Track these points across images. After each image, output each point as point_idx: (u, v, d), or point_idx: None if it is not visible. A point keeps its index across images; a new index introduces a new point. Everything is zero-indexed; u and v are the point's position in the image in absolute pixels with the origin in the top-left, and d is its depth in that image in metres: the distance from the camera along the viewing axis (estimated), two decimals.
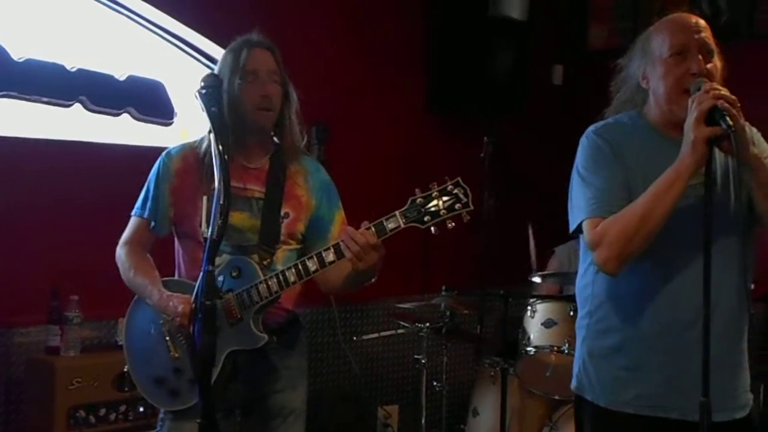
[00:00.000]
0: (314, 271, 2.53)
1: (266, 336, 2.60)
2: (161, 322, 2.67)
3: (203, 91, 2.26)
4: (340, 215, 2.83)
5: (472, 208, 2.43)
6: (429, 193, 2.44)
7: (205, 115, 2.24)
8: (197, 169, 2.71)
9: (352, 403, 4.82)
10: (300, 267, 2.54)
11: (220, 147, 2.17)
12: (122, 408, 3.63)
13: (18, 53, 3.74)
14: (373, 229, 2.45)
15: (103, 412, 3.58)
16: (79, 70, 3.92)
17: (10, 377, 3.71)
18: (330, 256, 2.51)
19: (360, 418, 4.86)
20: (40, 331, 3.73)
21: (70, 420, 3.49)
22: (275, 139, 2.77)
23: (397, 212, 2.45)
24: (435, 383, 4.24)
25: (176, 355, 2.65)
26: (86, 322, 3.74)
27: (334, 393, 4.78)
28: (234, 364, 2.61)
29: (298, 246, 2.77)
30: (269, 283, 2.56)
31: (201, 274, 2.07)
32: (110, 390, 3.58)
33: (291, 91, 2.77)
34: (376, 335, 4.52)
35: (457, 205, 2.43)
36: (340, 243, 2.49)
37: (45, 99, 3.82)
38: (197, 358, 2.12)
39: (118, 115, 4.05)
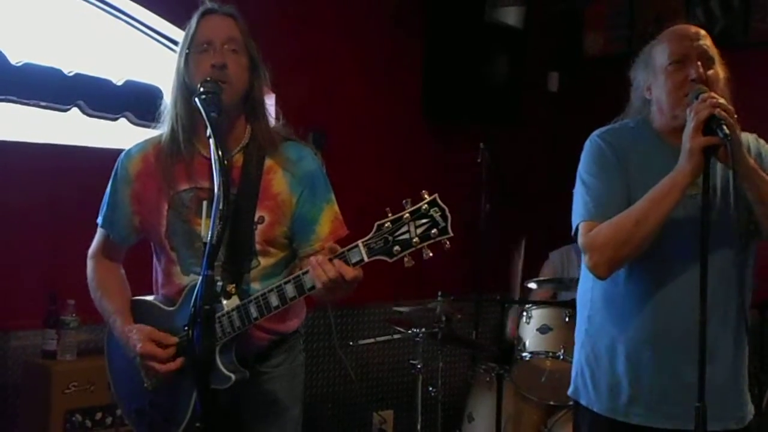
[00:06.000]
0: (276, 307, 2.23)
1: (233, 376, 2.27)
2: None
3: (202, 96, 2.22)
4: (329, 210, 2.43)
5: (451, 234, 2.05)
6: (399, 215, 2.05)
7: (205, 119, 2.18)
8: (158, 171, 2.41)
9: (348, 408, 4.84)
10: (261, 301, 2.23)
11: (220, 153, 2.10)
12: (119, 412, 3.58)
13: (16, 57, 3.74)
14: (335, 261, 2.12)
15: (99, 416, 3.58)
16: (77, 75, 3.92)
17: (7, 381, 3.70)
18: (291, 291, 2.20)
19: (355, 423, 4.88)
20: (37, 334, 3.72)
21: (66, 424, 3.48)
22: (248, 126, 2.41)
23: (360, 242, 2.09)
24: (430, 388, 4.25)
25: (148, 386, 2.39)
26: (83, 326, 3.72)
27: (329, 398, 4.79)
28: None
29: (284, 253, 2.43)
30: (232, 317, 2.26)
31: (200, 278, 2.03)
32: (107, 394, 3.52)
33: (260, 66, 2.39)
34: (372, 340, 4.52)
35: (434, 231, 2.05)
36: (307, 274, 2.17)
37: (42, 103, 3.82)
38: (196, 361, 2.07)
39: (115, 119, 4.05)
